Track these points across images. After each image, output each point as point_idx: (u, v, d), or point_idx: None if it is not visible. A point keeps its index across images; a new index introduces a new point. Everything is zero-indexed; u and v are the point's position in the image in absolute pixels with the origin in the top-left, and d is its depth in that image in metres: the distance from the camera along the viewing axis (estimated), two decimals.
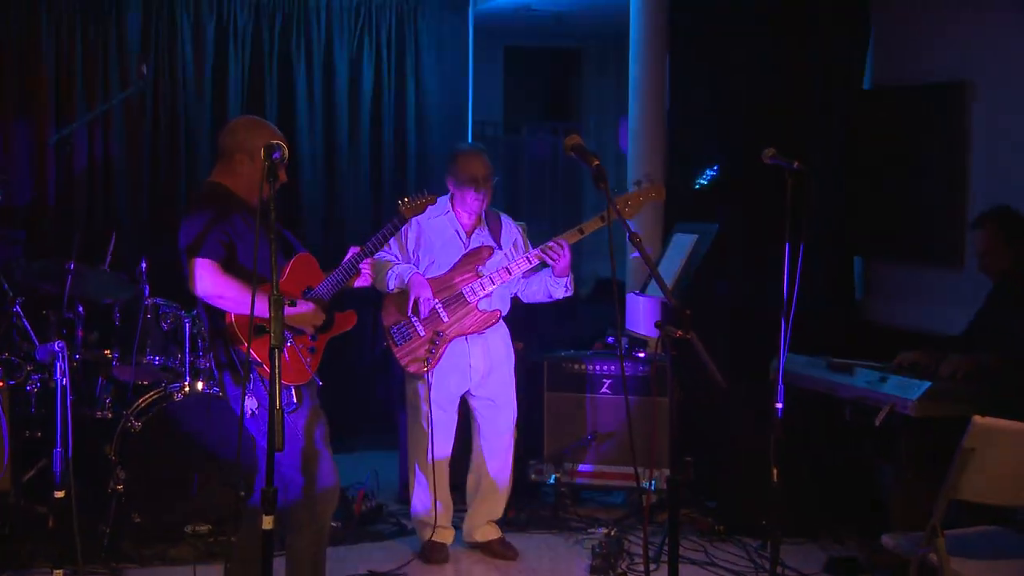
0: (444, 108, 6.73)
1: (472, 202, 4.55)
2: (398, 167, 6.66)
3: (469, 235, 4.66)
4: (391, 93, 6.62)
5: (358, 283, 3.89)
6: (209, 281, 3.49)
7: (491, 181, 4.56)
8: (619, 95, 8.06)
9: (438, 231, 4.63)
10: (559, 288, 4.61)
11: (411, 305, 4.45)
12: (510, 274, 4.48)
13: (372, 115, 6.61)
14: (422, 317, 4.50)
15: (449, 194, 4.66)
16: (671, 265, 5.59)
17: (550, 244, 4.39)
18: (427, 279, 4.54)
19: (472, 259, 4.59)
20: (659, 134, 6.24)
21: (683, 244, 5.63)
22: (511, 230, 4.74)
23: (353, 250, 3.83)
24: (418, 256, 4.63)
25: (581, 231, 4.44)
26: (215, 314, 3.61)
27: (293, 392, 3.61)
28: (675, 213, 6.03)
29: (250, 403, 3.54)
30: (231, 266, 3.54)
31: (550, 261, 4.43)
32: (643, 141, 6.26)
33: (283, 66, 6.39)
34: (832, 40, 5.82)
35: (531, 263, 4.47)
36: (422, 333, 4.54)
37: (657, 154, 6.22)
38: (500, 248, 4.63)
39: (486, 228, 4.67)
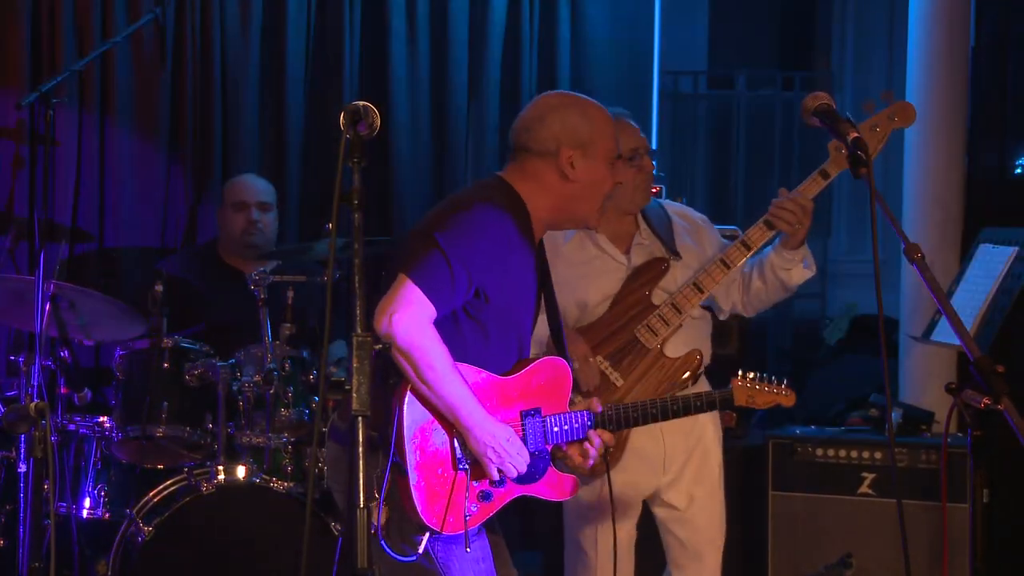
0: (616, 50, 6.68)
1: (633, 187, 4.49)
2: None
3: (627, 249, 4.58)
4: (534, 27, 6.55)
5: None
6: (415, 322, 3.37)
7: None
8: (891, 31, 7.66)
9: (573, 258, 4.56)
10: (796, 267, 4.51)
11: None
12: (702, 292, 4.44)
13: (504, 61, 6.54)
14: (584, 389, 4.34)
15: None
16: (974, 294, 5.29)
17: (782, 202, 4.37)
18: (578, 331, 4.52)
19: (639, 283, 4.51)
20: (956, 90, 6.15)
21: (994, 261, 5.33)
22: (686, 219, 4.71)
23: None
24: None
25: (825, 174, 4.38)
26: (386, 370, 3.53)
27: (424, 536, 3.48)
28: (982, 212, 5.96)
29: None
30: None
31: (786, 227, 4.38)
32: (930, 99, 6.10)
33: None
34: None
35: (754, 246, 4.44)
36: None
37: (953, 118, 6.12)
38: (677, 255, 4.57)
39: (648, 227, 4.62)
